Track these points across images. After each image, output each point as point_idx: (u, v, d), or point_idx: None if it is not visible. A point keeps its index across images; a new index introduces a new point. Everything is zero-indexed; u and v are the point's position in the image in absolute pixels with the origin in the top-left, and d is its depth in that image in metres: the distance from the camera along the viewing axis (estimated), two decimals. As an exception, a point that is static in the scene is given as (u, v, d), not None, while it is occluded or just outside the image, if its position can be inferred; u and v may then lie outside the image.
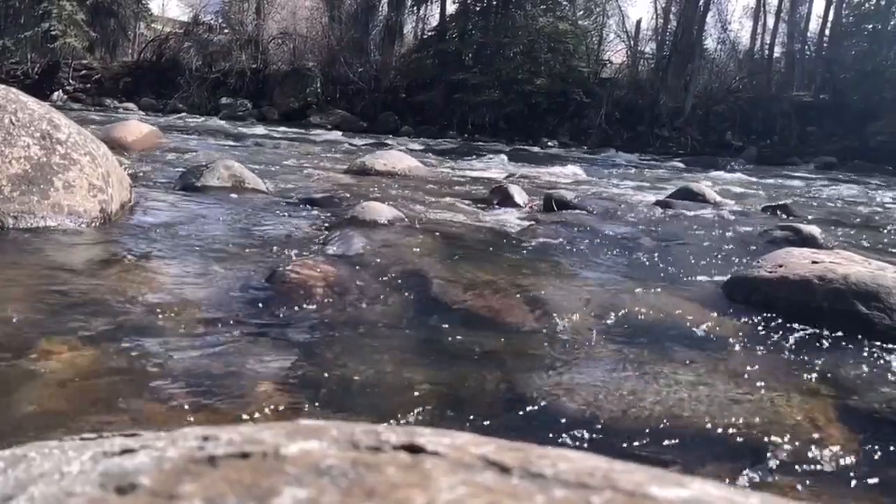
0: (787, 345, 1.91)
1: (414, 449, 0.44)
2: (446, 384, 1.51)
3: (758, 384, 1.60)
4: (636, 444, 1.31)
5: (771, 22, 22.31)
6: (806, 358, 1.81)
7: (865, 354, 1.87)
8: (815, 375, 1.69)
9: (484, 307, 2.09)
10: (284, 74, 22.26)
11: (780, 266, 2.35)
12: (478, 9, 20.99)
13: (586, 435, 1.32)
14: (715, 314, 2.15)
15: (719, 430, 1.37)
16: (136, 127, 6.98)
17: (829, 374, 1.70)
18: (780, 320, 2.09)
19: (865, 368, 1.77)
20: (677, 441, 1.33)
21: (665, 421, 1.39)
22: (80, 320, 1.69)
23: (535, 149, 15.52)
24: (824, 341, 1.94)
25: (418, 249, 2.82)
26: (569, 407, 1.44)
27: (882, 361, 1.82)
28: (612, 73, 21.93)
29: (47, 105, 3.08)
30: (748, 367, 1.71)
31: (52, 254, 2.30)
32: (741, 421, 1.41)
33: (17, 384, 1.32)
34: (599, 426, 1.36)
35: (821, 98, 19.49)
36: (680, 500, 0.38)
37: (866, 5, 20.34)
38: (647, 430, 1.36)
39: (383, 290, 2.19)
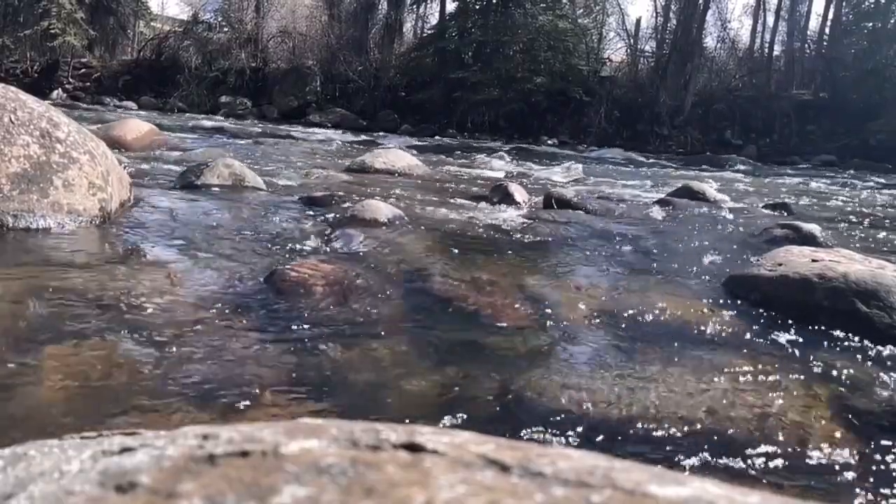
0: (787, 343, 1.91)
1: (413, 447, 0.44)
2: (446, 383, 1.51)
3: (757, 382, 1.60)
4: (636, 442, 1.31)
5: (771, 20, 22.33)
6: (805, 356, 1.81)
7: (865, 353, 1.87)
8: (814, 374, 1.69)
9: (484, 306, 2.09)
10: (284, 73, 22.26)
11: (780, 264, 2.35)
12: (477, 7, 20.97)
13: (586, 433, 1.32)
14: (714, 312, 2.15)
15: (719, 429, 1.37)
16: (136, 125, 6.97)
17: (828, 373, 1.70)
18: (779, 319, 2.09)
19: (865, 367, 1.77)
20: (677, 439, 1.33)
21: (665, 419, 1.40)
22: (79, 319, 1.69)
23: (535, 147, 15.51)
24: (824, 340, 1.94)
25: (418, 248, 2.82)
26: (568, 405, 1.44)
27: (882, 360, 1.82)
28: (611, 71, 21.95)
29: (46, 103, 3.08)
30: (747, 366, 1.71)
31: (52, 253, 2.30)
32: (741, 419, 1.41)
33: (16, 383, 1.32)
34: (599, 425, 1.36)
35: (820, 97, 19.49)
36: (679, 499, 0.38)
37: (866, 4, 20.34)
38: (647, 429, 1.36)
39: (383, 288, 2.18)
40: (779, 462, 1.26)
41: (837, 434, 1.39)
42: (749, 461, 1.26)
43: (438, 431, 0.47)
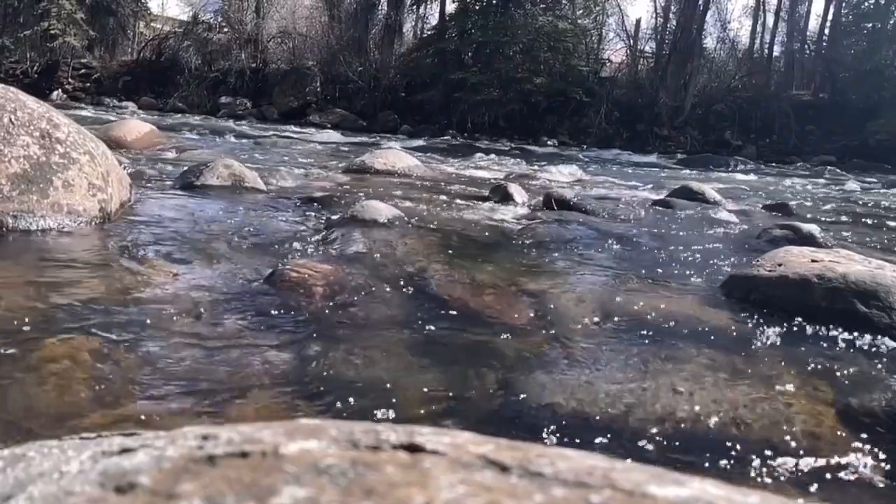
0: (786, 343, 1.91)
1: (413, 448, 0.44)
2: (446, 384, 1.51)
3: (756, 383, 1.60)
4: (636, 442, 1.31)
5: (770, 21, 22.33)
6: (805, 357, 1.81)
7: (864, 353, 1.87)
8: (813, 374, 1.69)
9: (484, 306, 2.10)
10: (284, 73, 22.25)
11: (780, 265, 2.35)
12: (477, 8, 20.97)
13: (585, 434, 1.32)
14: (714, 313, 2.15)
15: (718, 429, 1.37)
16: (136, 126, 6.98)
17: (827, 373, 1.70)
18: (779, 319, 2.09)
19: (864, 367, 1.77)
20: (676, 440, 1.33)
21: (664, 420, 1.40)
22: (79, 319, 1.69)
23: (535, 148, 15.52)
24: (823, 340, 1.94)
25: (418, 248, 2.82)
26: (568, 406, 1.44)
27: (881, 360, 1.82)
28: (611, 72, 21.94)
29: (46, 104, 3.08)
30: (747, 366, 1.71)
31: (52, 253, 2.30)
32: (740, 420, 1.41)
33: (16, 383, 1.32)
34: (598, 425, 1.36)
35: (820, 97, 19.50)
36: (679, 499, 0.38)
37: (865, 4, 20.35)
38: (646, 429, 1.36)
39: (383, 289, 2.19)
40: (778, 462, 1.26)
41: (837, 434, 1.39)
42: (748, 461, 1.26)
43: (438, 432, 0.47)
